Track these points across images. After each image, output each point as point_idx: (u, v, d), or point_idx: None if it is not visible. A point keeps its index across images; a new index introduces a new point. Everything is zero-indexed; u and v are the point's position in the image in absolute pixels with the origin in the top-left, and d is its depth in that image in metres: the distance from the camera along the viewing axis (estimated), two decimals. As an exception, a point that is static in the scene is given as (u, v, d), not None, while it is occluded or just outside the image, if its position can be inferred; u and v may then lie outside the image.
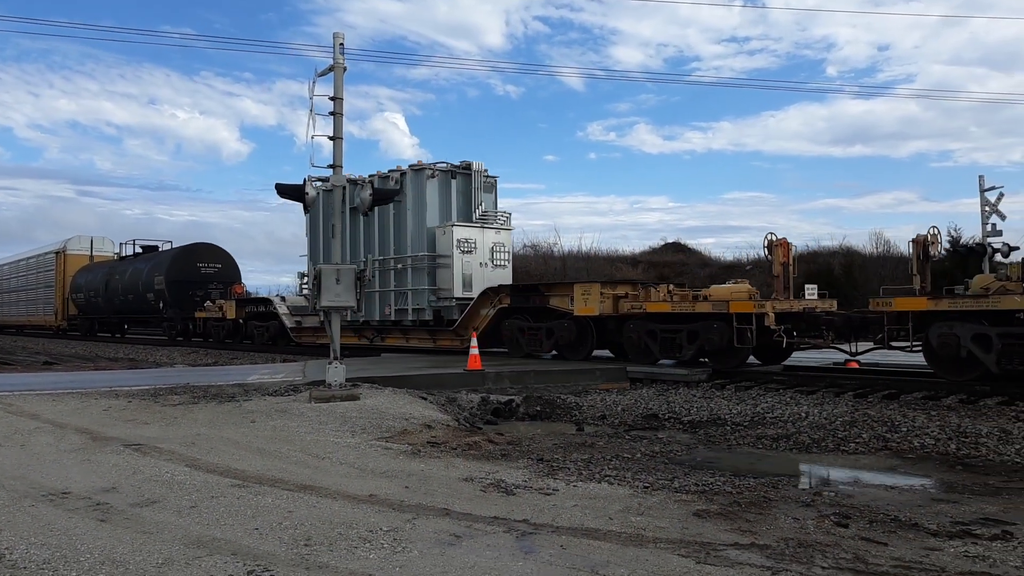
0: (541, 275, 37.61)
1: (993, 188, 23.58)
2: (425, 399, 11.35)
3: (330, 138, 11.15)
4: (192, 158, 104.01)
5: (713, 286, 15.05)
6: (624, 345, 15.27)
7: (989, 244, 23.83)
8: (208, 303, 28.92)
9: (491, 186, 20.26)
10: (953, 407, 10.37)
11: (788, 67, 79.39)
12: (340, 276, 11.13)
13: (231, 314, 26.72)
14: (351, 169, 13.36)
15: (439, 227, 19.34)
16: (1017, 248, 22.39)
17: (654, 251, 50.58)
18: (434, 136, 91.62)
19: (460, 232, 19.14)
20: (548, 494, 6.15)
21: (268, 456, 7.43)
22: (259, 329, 25.48)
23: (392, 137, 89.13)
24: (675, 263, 45.00)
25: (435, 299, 19.12)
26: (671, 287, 15.62)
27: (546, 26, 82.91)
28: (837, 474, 7.92)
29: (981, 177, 23.24)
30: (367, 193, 11.28)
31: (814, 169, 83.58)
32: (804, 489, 6.70)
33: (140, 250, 37.84)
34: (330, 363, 11.24)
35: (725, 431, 10.11)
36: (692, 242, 54.37)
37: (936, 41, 72.70)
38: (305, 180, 10.97)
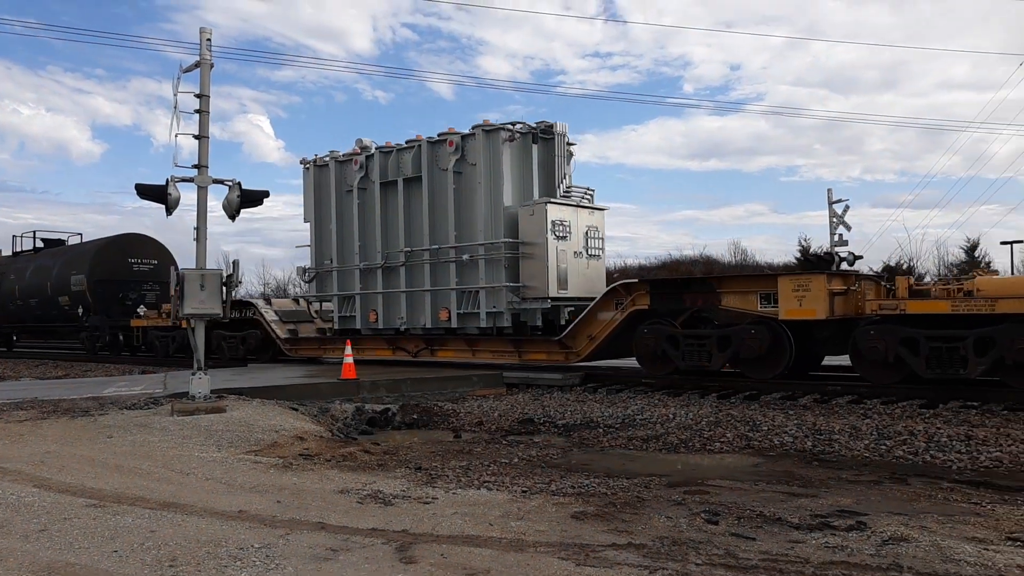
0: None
1: (840, 201, 25.30)
2: (296, 410, 11.01)
3: (195, 137, 10.65)
4: (37, 157, 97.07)
5: (980, 278, 11.42)
6: (855, 356, 11.56)
7: (837, 253, 25.56)
8: (143, 308, 23.24)
9: (570, 155, 16.34)
10: (808, 406, 10.99)
11: (648, 83, 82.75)
12: (205, 281, 10.64)
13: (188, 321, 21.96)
14: (216, 172, 11.86)
15: (525, 206, 15.11)
16: (861, 256, 23.98)
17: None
18: (301, 139, 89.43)
19: (555, 212, 14.91)
20: (427, 503, 6.07)
21: (127, 473, 6.99)
22: (230, 341, 20.38)
23: (256, 139, 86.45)
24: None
25: (517, 300, 15.04)
26: (912, 280, 11.84)
27: (415, 33, 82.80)
28: (706, 472, 8.22)
29: (829, 190, 24.75)
30: (235, 195, 10.85)
31: (673, 182, 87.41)
32: (675, 488, 6.90)
33: (41, 244, 30.26)
34: (194, 374, 10.72)
35: (598, 434, 10.31)
36: (563, 250, 55.26)
37: (782, 63, 77.55)
38: (168, 180, 10.43)
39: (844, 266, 23.11)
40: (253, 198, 11.16)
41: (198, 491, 6.38)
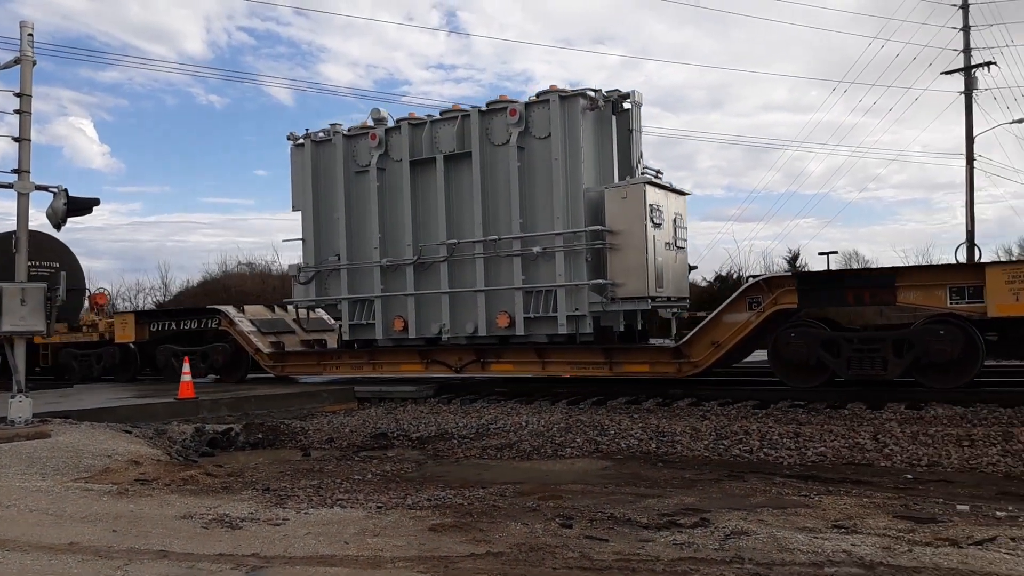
0: (259, 293, 27.83)
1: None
2: (130, 433, 10.33)
3: (15, 139, 9.83)
4: None
5: None
6: None
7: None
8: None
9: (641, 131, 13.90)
10: (652, 410, 11.45)
11: (492, 97, 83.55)
12: (26, 296, 9.82)
13: (126, 335, 17.33)
14: (35, 177, 10.26)
15: (614, 187, 12.71)
16: (695, 267, 25.46)
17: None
18: (128, 144, 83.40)
19: (652, 195, 12.52)
20: (278, 524, 5.85)
21: (-66, 509, 6.31)
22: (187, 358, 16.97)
23: (78, 144, 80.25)
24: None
25: (604, 300, 12.58)
26: None
27: (252, 38, 79.52)
28: (559, 477, 8.40)
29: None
30: (61, 203, 10.08)
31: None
32: (530, 495, 7.00)
33: None
34: (13, 396, 9.84)
35: (453, 445, 10.31)
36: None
37: (619, 81, 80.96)
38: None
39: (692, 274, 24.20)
40: (82, 206, 10.43)
41: (21, 524, 5.85)
